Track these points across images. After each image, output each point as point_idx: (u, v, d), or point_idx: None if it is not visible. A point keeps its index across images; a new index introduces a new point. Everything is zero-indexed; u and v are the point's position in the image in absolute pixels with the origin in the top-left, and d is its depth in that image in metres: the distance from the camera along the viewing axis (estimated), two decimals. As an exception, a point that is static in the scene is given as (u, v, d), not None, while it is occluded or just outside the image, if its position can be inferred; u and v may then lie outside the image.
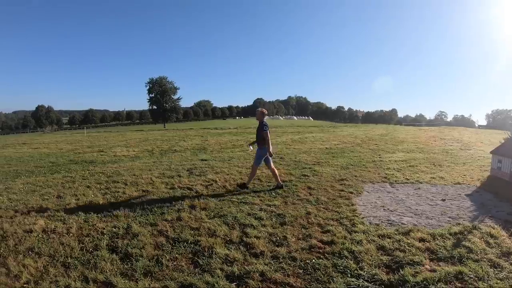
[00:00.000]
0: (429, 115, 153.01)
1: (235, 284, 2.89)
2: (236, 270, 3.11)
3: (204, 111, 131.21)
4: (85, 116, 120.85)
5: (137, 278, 3.04)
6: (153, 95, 75.77)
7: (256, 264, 3.23)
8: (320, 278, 2.96)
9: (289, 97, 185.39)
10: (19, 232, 4.21)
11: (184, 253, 3.54)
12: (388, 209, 5.01)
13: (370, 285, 2.83)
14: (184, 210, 5.03)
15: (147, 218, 4.70)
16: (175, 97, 78.41)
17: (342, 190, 6.15)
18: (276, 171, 6.45)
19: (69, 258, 3.46)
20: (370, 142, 15.39)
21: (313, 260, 3.29)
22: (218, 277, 3.00)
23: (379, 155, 11.02)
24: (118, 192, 6.31)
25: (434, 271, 3.01)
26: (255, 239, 3.83)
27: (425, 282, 2.82)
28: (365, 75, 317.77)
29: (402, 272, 2.97)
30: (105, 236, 4.05)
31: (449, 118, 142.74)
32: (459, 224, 4.24)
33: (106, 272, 3.13)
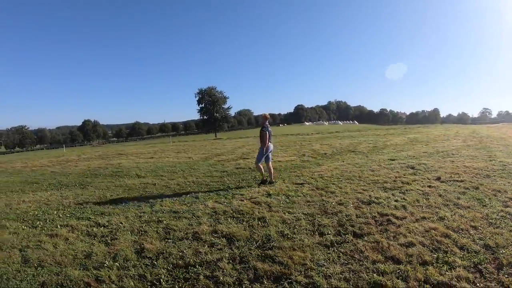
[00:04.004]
0: (472, 113, 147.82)
1: None
2: None
3: (247, 120, 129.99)
4: (132, 129, 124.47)
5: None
6: (203, 105, 75.60)
7: None
8: None
9: (329, 102, 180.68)
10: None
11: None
12: None
13: None
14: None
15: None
16: (225, 106, 77.64)
17: None
18: (272, 169, 7.07)
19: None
20: (480, 140, 14.52)
21: None
22: None
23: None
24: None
25: None
26: None
27: None
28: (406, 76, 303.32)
29: None
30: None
31: (493, 115, 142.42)
32: None
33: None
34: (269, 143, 6.94)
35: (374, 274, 2.97)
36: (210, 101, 74.12)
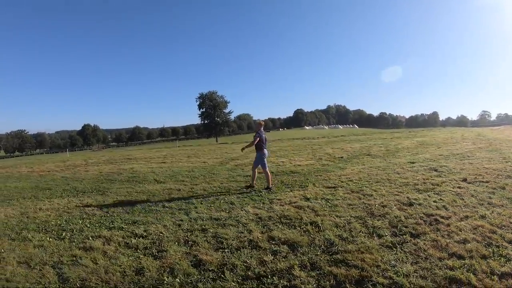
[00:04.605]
0: (471, 116, 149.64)
1: None
2: None
3: (247, 124, 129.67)
4: (132, 133, 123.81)
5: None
6: (204, 109, 75.37)
7: None
8: None
9: (329, 106, 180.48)
10: None
11: None
12: None
13: None
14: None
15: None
16: (226, 110, 77.48)
17: None
18: (256, 175, 7.17)
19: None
20: (489, 143, 14.53)
21: None
22: None
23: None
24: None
25: None
26: None
27: None
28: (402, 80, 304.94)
29: None
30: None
31: (493, 117, 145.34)
32: None
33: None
34: (264, 149, 6.95)
35: (447, 270, 3.06)
36: (211, 105, 73.88)
